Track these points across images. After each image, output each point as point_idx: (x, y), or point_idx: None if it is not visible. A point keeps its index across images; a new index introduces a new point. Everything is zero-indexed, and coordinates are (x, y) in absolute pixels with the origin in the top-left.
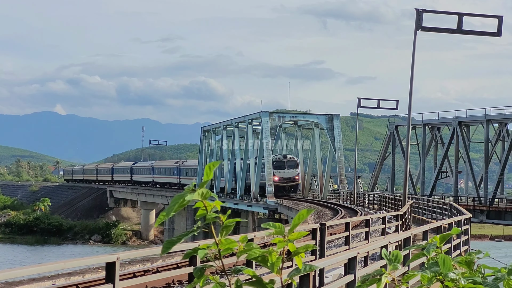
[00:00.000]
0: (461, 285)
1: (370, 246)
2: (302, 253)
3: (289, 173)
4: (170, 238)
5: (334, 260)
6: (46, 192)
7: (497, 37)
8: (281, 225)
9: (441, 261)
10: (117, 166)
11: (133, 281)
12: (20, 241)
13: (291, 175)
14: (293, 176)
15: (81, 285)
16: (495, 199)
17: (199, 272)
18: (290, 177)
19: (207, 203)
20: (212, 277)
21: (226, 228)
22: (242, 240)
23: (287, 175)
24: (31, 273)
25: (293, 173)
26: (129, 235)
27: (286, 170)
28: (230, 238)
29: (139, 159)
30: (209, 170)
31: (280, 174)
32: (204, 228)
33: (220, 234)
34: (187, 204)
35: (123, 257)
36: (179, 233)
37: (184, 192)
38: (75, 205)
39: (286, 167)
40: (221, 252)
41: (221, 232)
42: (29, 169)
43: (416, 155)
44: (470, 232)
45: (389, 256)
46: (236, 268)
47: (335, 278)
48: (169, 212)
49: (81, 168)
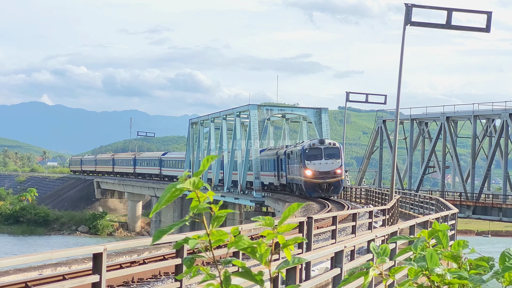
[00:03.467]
0: (447, 280)
1: (357, 240)
2: (291, 245)
3: (328, 165)
4: (161, 228)
5: (321, 254)
6: (33, 182)
7: (486, 33)
8: (271, 218)
9: (429, 255)
10: (140, 157)
11: (120, 272)
12: (6, 231)
13: (330, 168)
14: (333, 170)
15: (68, 275)
16: (481, 195)
17: (189, 262)
18: (329, 171)
19: (200, 193)
20: (202, 268)
21: (217, 219)
22: (234, 232)
23: (325, 168)
24: (17, 263)
25: (334, 164)
26: (116, 226)
27: (324, 161)
28: (222, 230)
29: (127, 151)
30: (206, 162)
31: (314, 167)
32: (195, 219)
33: (212, 225)
34: (180, 193)
35: (110, 248)
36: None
37: (178, 181)
38: (62, 196)
39: (324, 156)
40: (212, 244)
41: (213, 223)
42: (16, 159)
43: (403, 150)
44: (456, 227)
45: (377, 250)
46: (226, 260)
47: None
48: (161, 201)
49: (93, 158)
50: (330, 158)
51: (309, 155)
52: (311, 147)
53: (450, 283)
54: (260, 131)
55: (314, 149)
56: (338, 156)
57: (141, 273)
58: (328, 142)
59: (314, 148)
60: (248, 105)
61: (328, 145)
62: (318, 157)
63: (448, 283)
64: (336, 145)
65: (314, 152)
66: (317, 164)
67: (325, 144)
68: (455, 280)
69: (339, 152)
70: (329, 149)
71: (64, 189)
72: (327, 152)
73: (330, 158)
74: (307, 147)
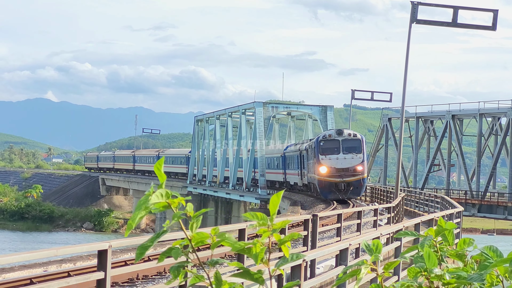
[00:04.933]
0: (445, 280)
1: (362, 237)
2: (288, 242)
3: (347, 160)
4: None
5: (326, 251)
6: (38, 179)
7: (491, 31)
8: (263, 215)
9: (426, 255)
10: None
11: (125, 269)
12: (11, 228)
13: (350, 164)
14: (353, 166)
15: (73, 272)
16: (487, 193)
17: (176, 271)
18: (348, 168)
19: (171, 201)
20: (189, 270)
21: (195, 221)
22: (214, 232)
23: (342, 164)
24: (23, 259)
25: (354, 160)
26: (121, 223)
27: (342, 156)
28: (202, 232)
29: (132, 147)
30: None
31: (330, 163)
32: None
33: (190, 229)
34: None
35: (115, 245)
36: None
37: (144, 196)
38: (67, 193)
39: (342, 150)
40: (194, 245)
41: (191, 227)
42: (22, 156)
43: (409, 148)
44: (461, 226)
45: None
46: (212, 261)
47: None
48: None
49: (111, 154)
50: (349, 152)
51: (324, 149)
52: (326, 139)
53: (448, 283)
54: (265, 128)
55: (330, 141)
56: (360, 150)
57: (146, 270)
58: (347, 133)
59: (330, 140)
60: (254, 102)
61: (347, 136)
62: (334, 150)
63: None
64: (357, 136)
65: (330, 145)
66: (333, 159)
67: (343, 135)
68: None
69: (360, 144)
70: (349, 141)
71: (69, 185)
72: (346, 144)
73: (350, 152)
74: (321, 139)
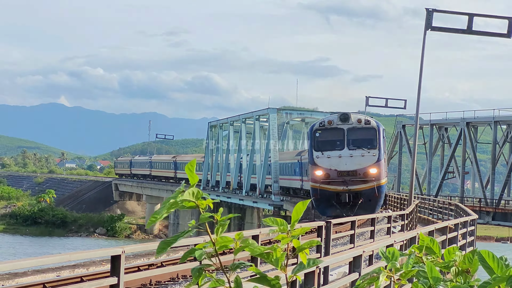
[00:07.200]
0: None
1: (375, 245)
2: (307, 249)
3: (355, 159)
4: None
5: (340, 258)
6: (51, 184)
7: (506, 38)
8: (283, 221)
9: (429, 269)
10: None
11: (138, 275)
12: (24, 232)
13: (359, 165)
14: (363, 168)
15: (86, 277)
16: (501, 201)
17: (197, 272)
18: (356, 170)
19: (200, 202)
20: (209, 274)
21: (221, 226)
22: (238, 238)
23: (348, 164)
24: (36, 264)
25: (365, 159)
26: (134, 228)
27: (348, 153)
28: (226, 236)
29: (145, 153)
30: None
31: (329, 163)
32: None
33: (216, 233)
34: (180, 205)
35: (128, 250)
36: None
37: (175, 193)
38: (80, 198)
39: (348, 144)
40: (217, 250)
41: (217, 231)
42: (35, 161)
43: (423, 155)
44: (476, 233)
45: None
46: (234, 264)
47: (340, 276)
48: (160, 213)
49: (147, 160)
50: (358, 146)
51: (320, 142)
52: (325, 127)
53: None
54: (279, 134)
55: (330, 131)
56: (374, 144)
57: (159, 276)
58: (356, 119)
59: (330, 129)
60: (268, 108)
61: (356, 123)
62: (336, 144)
63: None
64: (371, 123)
65: (330, 136)
66: (334, 157)
67: (350, 121)
68: None
69: (376, 136)
70: (358, 130)
71: (82, 191)
72: (353, 136)
73: (359, 146)
74: (317, 127)
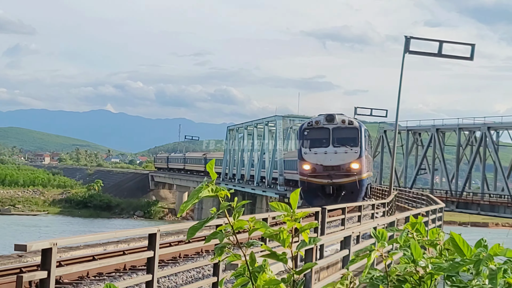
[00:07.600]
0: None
1: (362, 227)
2: (308, 229)
3: (339, 155)
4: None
5: (333, 238)
6: (99, 175)
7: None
8: (287, 206)
9: (413, 247)
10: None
11: (170, 249)
12: (77, 214)
13: (342, 161)
14: (346, 163)
15: (127, 251)
16: (463, 193)
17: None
18: (339, 165)
19: (220, 193)
20: (228, 250)
21: (237, 212)
22: (251, 220)
23: (332, 160)
24: (87, 240)
25: (348, 155)
26: (166, 212)
27: (332, 150)
28: (242, 220)
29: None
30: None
31: (316, 158)
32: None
33: (233, 217)
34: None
35: (163, 229)
36: (207, 211)
37: (198, 187)
38: (122, 186)
39: (333, 141)
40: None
41: (234, 216)
42: (86, 156)
43: (400, 155)
44: (443, 219)
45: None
46: (249, 242)
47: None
48: (188, 204)
49: (181, 156)
50: (342, 144)
51: (308, 140)
52: (312, 127)
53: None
54: (284, 137)
55: (317, 130)
56: (356, 142)
57: (187, 251)
58: (340, 119)
59: (317, 129)
60: (275, 116)
61: (340, 123)
62: (322, 142)
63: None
64: (354, 124)
65: (317, 135)
66: (320, 153)
67: (335, 121)
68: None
69: (357, 135)
70: (342, 130)
71: (124, 180)
72: (338, 134)
73: (343, 144)
74: (306, 127)
